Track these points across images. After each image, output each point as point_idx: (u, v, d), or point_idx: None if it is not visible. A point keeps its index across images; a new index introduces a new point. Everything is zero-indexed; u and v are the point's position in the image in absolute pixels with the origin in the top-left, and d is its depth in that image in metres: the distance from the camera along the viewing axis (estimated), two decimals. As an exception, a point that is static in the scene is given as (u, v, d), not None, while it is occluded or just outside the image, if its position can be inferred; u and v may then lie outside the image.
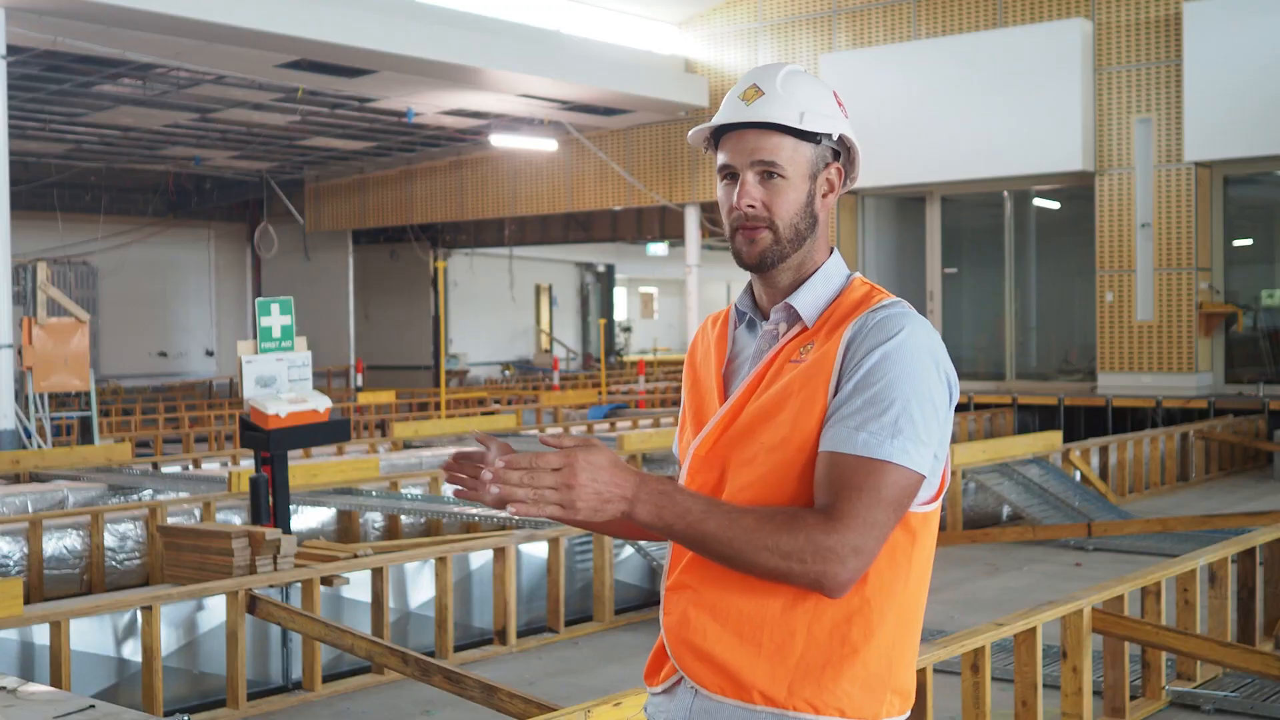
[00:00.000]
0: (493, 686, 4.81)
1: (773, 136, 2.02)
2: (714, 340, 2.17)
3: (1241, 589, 6.54)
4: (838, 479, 1.88)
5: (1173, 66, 15.87)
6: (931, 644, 4.48)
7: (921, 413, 1.90)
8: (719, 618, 1.96)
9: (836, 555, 1.83)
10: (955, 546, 9.59)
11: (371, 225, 25.89)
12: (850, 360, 1.94)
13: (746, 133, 2.04)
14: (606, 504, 1.80)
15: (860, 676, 1.92)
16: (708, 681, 1.97)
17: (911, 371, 1.91)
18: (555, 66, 17.14)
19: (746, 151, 2.03)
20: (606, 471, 1.79)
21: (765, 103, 2.03)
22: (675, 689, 2.03)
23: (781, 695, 1.92)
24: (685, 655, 1.99)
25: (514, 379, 29.23)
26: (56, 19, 13.37)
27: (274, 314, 7.83)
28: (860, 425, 1.88)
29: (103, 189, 25.85)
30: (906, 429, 1.89)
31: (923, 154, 17.01)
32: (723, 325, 2.18)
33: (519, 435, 14.19)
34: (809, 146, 2.04)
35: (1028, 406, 16.36)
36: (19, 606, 5.50)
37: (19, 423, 12.51)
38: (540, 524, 7.82)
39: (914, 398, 1.90)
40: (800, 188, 2.04)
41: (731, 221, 2.06)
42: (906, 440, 1.88)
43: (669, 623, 2.02)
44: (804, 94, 2.05)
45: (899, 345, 1.92)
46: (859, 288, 2.06)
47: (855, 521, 1.84)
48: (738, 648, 1.94)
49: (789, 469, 1.95)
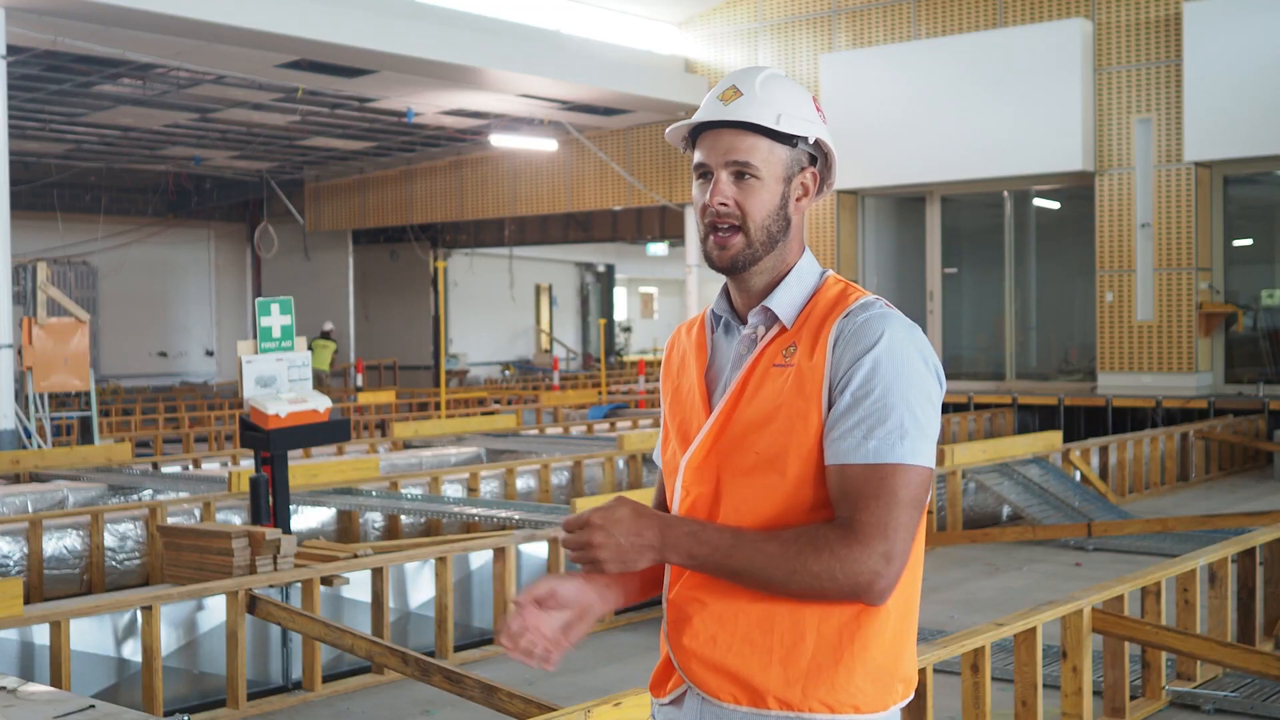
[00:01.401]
0: (493, 686, 4.81)
1: (748, 137, 2.03)
2: (692, 347, 2.15)
3: (1241, 589, 6.54)
4: (854, 490, 1.90)
5: (1173, 66, 15.88)
6: (931, 644, 4.48)
7: (922, 410, 1.93)
8: (727, 626, 1.96)
9: (865, 566, 1.87)
10: (955, 546, 9.59)
11: (371, 225, 25.90)
12: (838, 368, 1.95)
13: (723, 132, 2.04)
14: (634, 554, 1.89)
15: (870, 671, 1.95)
16: (719, 691, 1.97)
17: (905, 373, 1.93)
18: (555, 66, 17.14)
19: (721, 150, 2.04)
20: (627, 524, 1.89)
21: (743, 104, 2.04)
22: (683, 700, 2.04)
23: (797, 698, 1.93)
24: (693, 666, 1.99)
25: (514, 379, 29.23)
26: (56, 19, 13.37)
27: (274, 314, 7.83)
28: (868, 433, 1.91)
29: (103, 189, 25.86)
30: (912, 429, 1.91)
31: (923, 154, 17.00)
32: (699, 331, 2.17)
33: (519, 435, 14.20)
34: (784, 149, 2.05)
35: (1028, 406, 16.36)
36: (19, 606, 5.50)
37: (19, 423, 12.51)
38: (540, 524, 7.82)
39: (912, 398, 1.92)
40: (774, 189, 2.04)
41: (704, 221, 2.06)
42: (914, 440, 1.91)
43: (675, 635, 2.02)
44: (782, 97, 2.05)
45: (888, 349, 1.93)
46: (833, 285, 2.07)
47: (879, 529, 1.88)
48: (748, 655, 1.95)
49: (786, 479, 1.96)
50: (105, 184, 25.66)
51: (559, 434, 14.76)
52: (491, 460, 12.62)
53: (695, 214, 2.08)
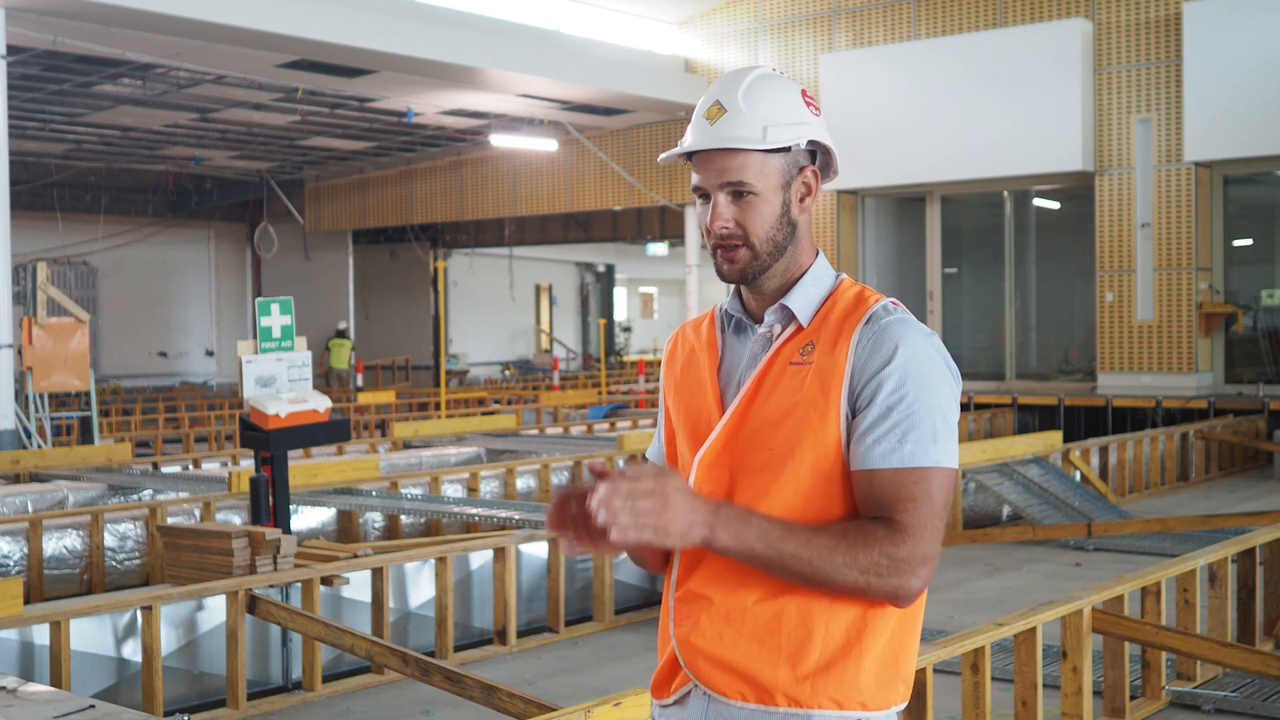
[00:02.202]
0: (493, 686, 4.81)
1: (738, 155, 2.02)
2: (703, 345, 2.15)
3: (1241, 589, 6.54)
4: (890, 494, 1.93)
5: (1172, 66, 15.88)
6: (931, 644, 4.48)
7: (946, 416, 1.98)
8: (734, 623, 1.97)
9: (909, 566, 1.90)
10: (955, 546, 9.59)
11: (371, 225, 25.91)
12: (861, 373, 1.97)
13: (714, 154, 2.04)
14: (693, 529, 1.85)
15: (876, 669, 1.96)
16: (727, 688, 1.97)
17: (933, 380, 1.97)
18: (555, 66, 17.14)
19: (715, 172, 2.03)
20: (688, 499, 1.85)
21: (727, 122, 2.03)
22: (687, 699, 2.04)
23: (806, 695, 1.94)
24: (701, 664, 1.99)
25: (514, 379, 29.24)
26: (56, 19, 13.37)
27: (274, 314, 7.83)
28: (902, 438, 1.93)
29: (103, 189, 25.86)
30: (943, 433, 1.96)
31: (923, 154, 17.00)
32: (710, 328, 2.16)
33: (519, 435, 14.20)
34: (778, 158, 2.04)
35: (1028, 406, 16.36)
36: (19, 606, 5.50)
37: (19, 423, 12.52)
38: (540, 524, 7.82)
39: (941, 403, 1.97)
40: (773, 201, 2.04)
41: (709, 241, 2.08)
42: (944, 444, 1.96)
43: (681, 633, 2.02)
44: (767, 106, 2.04)
45: (914, 357, 1.96)
46: (850, 288, 2.08)
47: (921, 531, 1.91)
48: (757, 651, 1.96)
49: (800, 477, 1.96)
50: (105, 184, 25.66)
51: (559, 434, 14.76)
52: (491, 460, 12.62)
53: (700, 230, 2.10)
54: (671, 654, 2.05)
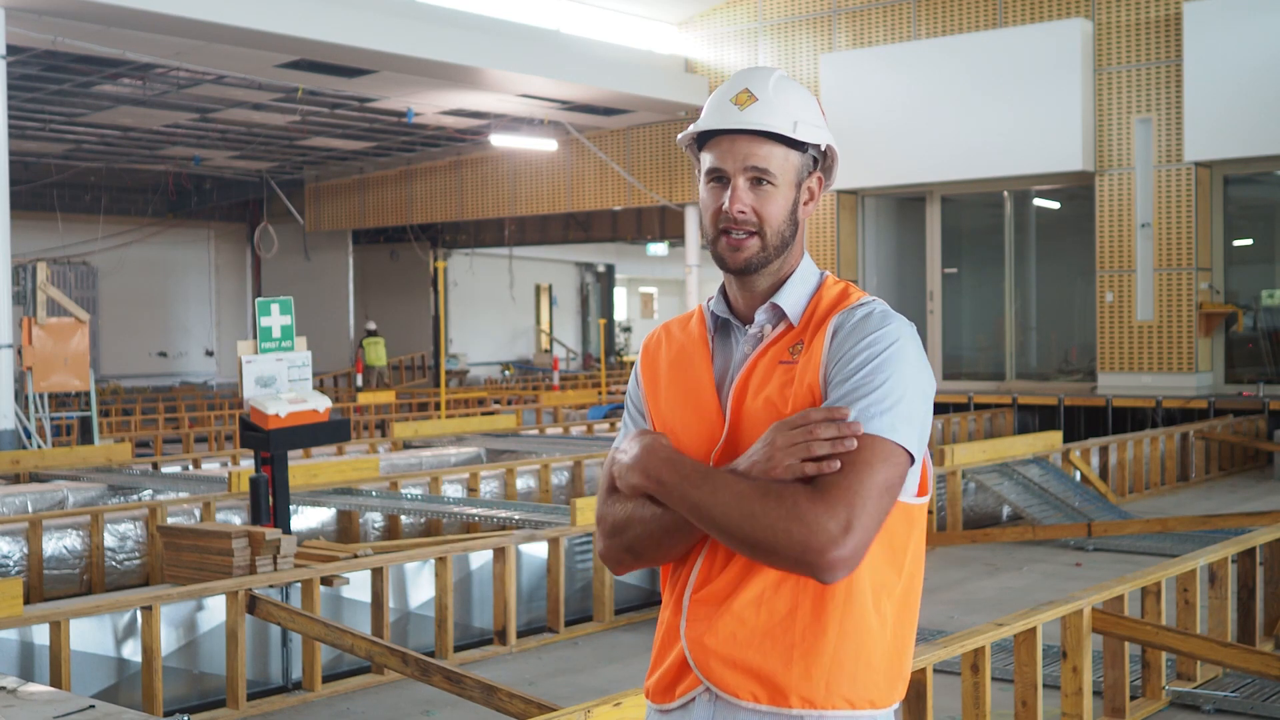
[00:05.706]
0: (493, 686, 4.81)
1: (766, 144, 2.04)
2: (695, 342, 2.13)
3: (1241, 589, 6.54)
4: None
5: (1173, 66, 15.88)
6: (931, 644, 4.48)
7: (910, 395, 1.93)
8: (748, 623, 1.95)
9: (823, 530, 1.82)
10: (955, 546, 9.59)
11: (371, 225, 25.91)
12: (836, 353, 1.96)
13: (739, 138, 2.04)
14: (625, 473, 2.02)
15: (883, 667, 1.97)
16: (739, 689, 1.95)
17: (898, 357, 1.94)
18: (555, 66, 17.14)
19: (740, 156, 2.04)
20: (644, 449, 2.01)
21: (760, 109, 2.04)
22: (692, 705, 2.01)
23: (820, 696, 1.93)
24: (713, 664, 1.97)
25: (514, 379, 29.23)
26: (56, 19, 13.37)
27: (274, 314, 7.83)
28: (852, 403, 1.91)
29: (103, 189, 25.86)
30: (897, 406, 1.91)
31: (923, 154, 17.00)
32: (700, 326, 2.15)
33: (519, 435, 14.20)
34: (798, 155, 2.06)
35: (1028, 406, 16.36)
36: (19, 606, 5.49)
37: (19, 423, 12.52)
38: (540, 524, 7.83)
39: (903, 380, 1.93)
40: (788, 195, 2.06)
41: (717, 224, 2.06)
42: (896, 417, 1.90)
43: (694, 633, 1.99)
44: (796, 102, 2.07)
45: (884, 336, 1.96)
46: (834, 285, 2.09)
47: (844, 494, 1.84)
48: (771, 652, 1.94)
49: None
50: (105, 184, 25.66)
51: (559, 434, 14.77)
52: (491, 460, 12.62)
53: (704, 216, 2.08)
54: (678, 657, 2.02)
